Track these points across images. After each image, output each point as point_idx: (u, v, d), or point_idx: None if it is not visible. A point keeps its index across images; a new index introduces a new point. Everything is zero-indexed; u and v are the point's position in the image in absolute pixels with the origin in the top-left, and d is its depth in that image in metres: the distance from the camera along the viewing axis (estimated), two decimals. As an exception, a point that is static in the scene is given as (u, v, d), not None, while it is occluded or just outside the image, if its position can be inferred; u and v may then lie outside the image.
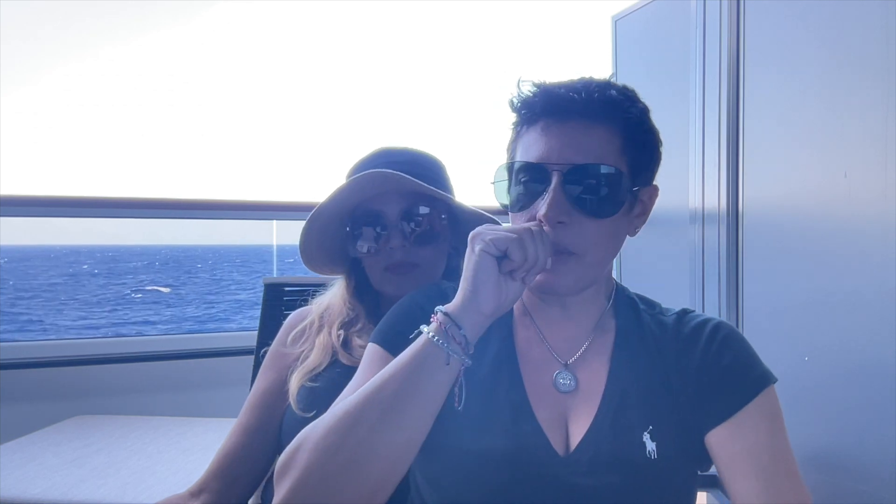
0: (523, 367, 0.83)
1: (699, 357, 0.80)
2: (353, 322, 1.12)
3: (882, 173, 1.36)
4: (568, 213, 0.76)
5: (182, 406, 2.22)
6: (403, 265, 1.06)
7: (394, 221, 1.05)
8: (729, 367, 0.79)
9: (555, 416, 0.78)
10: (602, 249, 0.79)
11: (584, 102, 0.76)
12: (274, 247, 2.94)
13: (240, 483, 1.06)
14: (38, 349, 2.23)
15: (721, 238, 1.88)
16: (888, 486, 1.34)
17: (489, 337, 0.85)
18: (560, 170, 0.75)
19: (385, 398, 0.72)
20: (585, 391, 0.80)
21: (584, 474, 0.74)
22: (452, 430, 0.78)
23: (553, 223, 0.75)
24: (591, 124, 0.77)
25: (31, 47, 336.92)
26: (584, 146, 0.76)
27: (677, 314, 0.87)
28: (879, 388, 1.36)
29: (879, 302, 1.35)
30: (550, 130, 0.77)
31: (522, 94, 0.80)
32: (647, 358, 0.81)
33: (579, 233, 0.77)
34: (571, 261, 0.78)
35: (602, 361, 0.82)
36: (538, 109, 0.78)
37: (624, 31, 2.49)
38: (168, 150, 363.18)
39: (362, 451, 0.71)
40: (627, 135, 0.78)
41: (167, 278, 47.64)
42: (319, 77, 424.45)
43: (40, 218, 2.39)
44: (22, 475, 1.40)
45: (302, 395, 1.03)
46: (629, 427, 0.76)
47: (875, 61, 1.38)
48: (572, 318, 0.85)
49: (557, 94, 0.77)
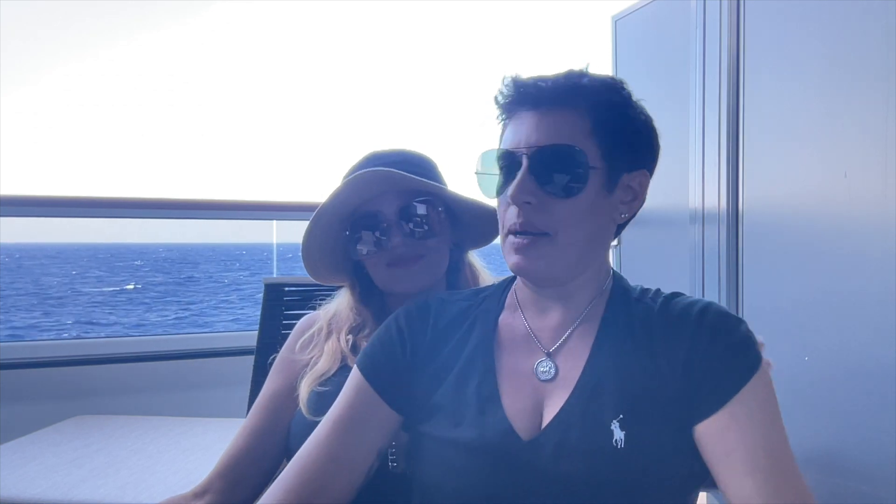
0: (502, 357, 0.85)
1: (688, 343, 0.77)
2: (361, 327, 1.12)
3: (882, 173, 1.36)
4: (534, 193, 0.78)
5: (182, 406, 2.22)
6: (407, 258, 1.06)
7: (392, 220, 1.06)
8: (719, 353, 0.76)
9: (529, 404, 0.80)
10: (574, 230, 0.80)
11: (551, 89, 0.79)
12: (274, 247, 2.94)
13: (245, 485, 1.06)
14: (38, 349, 2.24)
15: (721, 238, 1.88)
16: (888, 486, 1.35)
17: (470, 331, 0.88)
18: (526, 153, 0.78)
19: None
20: (563, 379, 0.81)
21: (549, 459, 0.75)
22: (430, 423, 0.83)
23: (520, 203, 0.78)
24: (557, 109, 0.79)
25: (31, 47, 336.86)
26: (550, 129, 0.79)
27: (665, 297, 0.85)
28: (879, 388, 1.36)
29: (879, 302, 1.36)
30: (522, 119, 0.81)
31: (501, 89, 0.83)
32: (631, 346, 0.80)
33: (547, 212, 0.78)
34: (543, 242, 0.79)
35: (583, 349, 0.82)
36: (514, 101, 0.82)
37: (624, 31, 2.49)
38: (168, 150, 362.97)
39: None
40: (597, 118, 0.80)
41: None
42: (319, 77, 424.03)
43: (40, 218, 2.40)
44: (22, 475, 1.40)
45: (312, 399, 1.04)
46: (598, 415, 0.75)
47: (875, 61, 1.38)
48: (557, 308, 0.86)
49: (526, 83, 0.81)
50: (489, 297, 0.93)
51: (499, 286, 0.95)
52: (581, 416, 0.76)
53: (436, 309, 0.92)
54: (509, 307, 0.91)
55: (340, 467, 0.83)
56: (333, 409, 0.88)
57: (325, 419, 0.87)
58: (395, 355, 0.88)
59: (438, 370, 0.86)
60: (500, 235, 0.84)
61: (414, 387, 0.86)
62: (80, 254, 73.55)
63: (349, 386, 0.89)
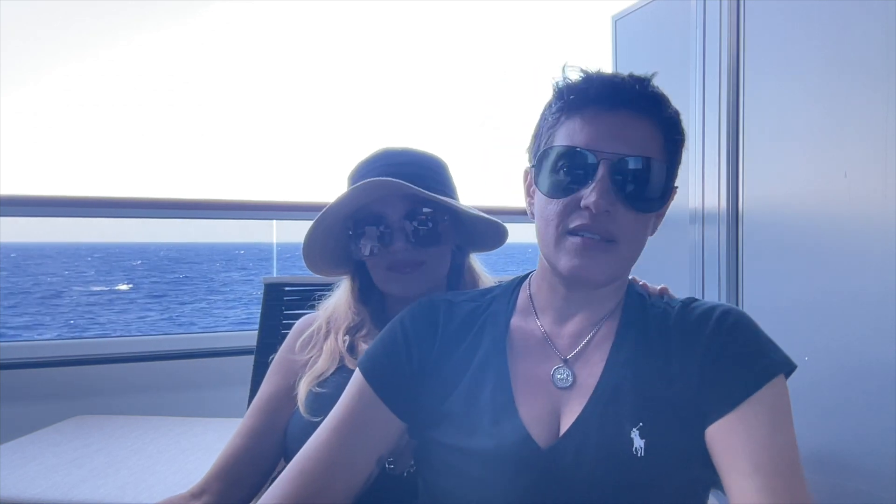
0: (516, 363, 0.82)
1: (704, 345, 0.76)
2: (359, 327, 1.12)
3: (882, 173, 1.36)
4: (613, 202, 0.75)
5: (182, 406, 2.22)
6: (407, 263, 1.05)
7: (396, 224, 1.05)
8: (735, 356, 0.75)
9: (545, 412, 0.78)
10: (637, 244, 0.79)
11: (635, 94, 0.76)
12: (274, 247, 2.94)
13: (242, 485, 1.06)
14: (38, 349, 2.24)
15: (721, 238, 1.88)
16: (888, 486, 1.34)
17: (480, 335, 0.86)
18: (611, 158, 0.74)
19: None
20: (581, 386, 0.79)
21: (568, 467, 0.73)
22: (442, 431, 0.80)
23: (602, 211, 0.75)
24: (639, 116, 0.76)
25: (31, 47, 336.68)
26: (632, 138, 0.75)
27: (682, 302, 0.84)
28: (879, 388, 1.36)
29: (879, 302, 1.36)
30: (599, 118, 0.76)
31: (569, 79, 0.79)
32: (647, 351, 0.79)
33: (622, 224, 0.76)
34: (612, 250, 0.77)
35: (601, 356, 0.80)
36: (590, 95, 0.77)
37: (624, 31, 2.48)
38: (168, 149, 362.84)
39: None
40: (667, 133, 0.78)
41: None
42: (319, 77, 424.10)
43: (40, 218, 2.39)
44: (22, 475, 1.40)
45: (310, 400, 1.03)
46: (617, 422, 0.74)
47: (875, 61, 1.38)
48: (580, 314, 0.84)
49: (609, 81, 0.77)
50: (497, 298, 0.91)
51: (507, 287, 0.93)
52: (600, 423, 0.75)
53: (444, 312, 0.89)
54: (521, 310, 0.88)
55: (339, 472, 0.81)
56: (334, 412, 0.85)
57: (326, 422, 0.85)
58: (401, 362, 0.86)
59: (448, 377, 0.84)
60: (551, 234, 0.78)
61: (421, 395, 0.84)
62: (81, 253, 73.43)
63: (351, 389, 0.86)
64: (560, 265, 0.78)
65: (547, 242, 0.80)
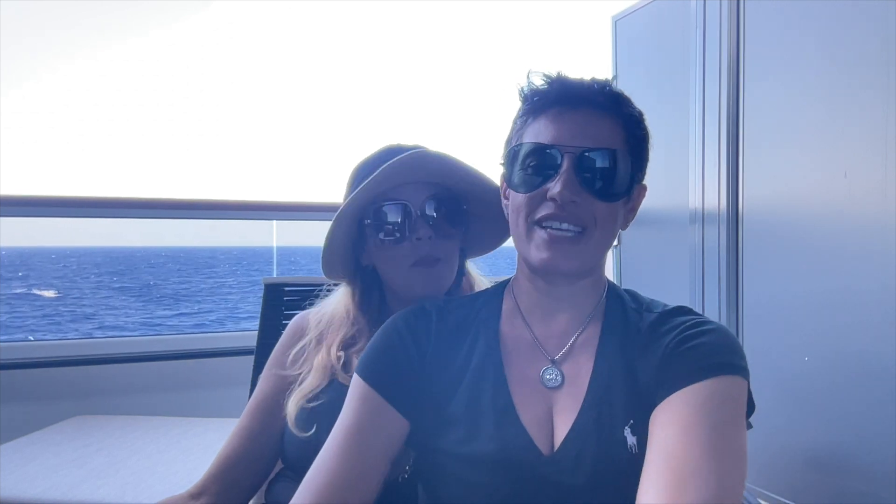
0: (510, 367, 0.84)
1: (673, 337, 0.78)
2: (355, 340, 1.09)
3: (882, 173, 1.36)
4: (579, 192, 0.79)
5: (182, 406, 2.22)
6: (429, 259, 1.02)
7: (419, 210, 1.02)
8: (692, 348, 0.76)
9: (541, 414, 0.80)
10: (606, 232, 0.82)
11: (595, 93, 0.80)
12: (274, 247, 2.94)
13: (240, 486, 1.05)
14: (38, 349, 2.24)
15: (721, 238, 1.88)
16: (888, 486, 1.35)
17: (475, 341, 0.87)
18: (574, 152, 0.78)
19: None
20: (571, 386, 0.81)
21: (569, 473, 0.75)
22: (443, 437, 0.81)
23: (567, 202, 0.78)
24: (599, 113, 0.81)
25: (31, 47, 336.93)
26: (593, 133, 0.80)
27: (670, 311, 0.84)
28: (879, 388, 1.36)
29: (879, 302, 1.36)
30: (562, 117, 0.81)
31: (533, 84, 0.84)
32: (630, 351, 0.81)
33: (588, 213, 0.80)
34: (579, 241, 0.80)
35: (588, 356, 0.82)
36: (551, 98, 0.81)
37: (624, 31, 2.49)
38: (168, 150, 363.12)
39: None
40: (629, 130, 0.82)
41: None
42: (320, 76, 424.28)
43: (40, 218, 2.39)
44: (22, 475, 1.40)
45: (300, 417, 1.01)
46: (611, 423, 0.76)
47: (875, 61, 1.38)
48: (564, 312, 0.86)
49: (569, 83, 0.81)
50: (485, 304, 0.92)
51: (492, 292, 0.94)
52: (596, 426, 0.77)
53: (436, 315, 0.90)
54: (508, 314, 0.89)
55: (358, 482, 0.79)
56: (340, 423, 0.83)
57: (334, 435, 0.83)
58: (401, 360, 0.86)
59: (448, 381, 0.84)
60: (521, 227, 0.82)
61: (425, 394, 0.84)
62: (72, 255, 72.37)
63: (353, 398, 0.85)
64: (531, 258, 0.81)
65: (519, 236, 0.84)
